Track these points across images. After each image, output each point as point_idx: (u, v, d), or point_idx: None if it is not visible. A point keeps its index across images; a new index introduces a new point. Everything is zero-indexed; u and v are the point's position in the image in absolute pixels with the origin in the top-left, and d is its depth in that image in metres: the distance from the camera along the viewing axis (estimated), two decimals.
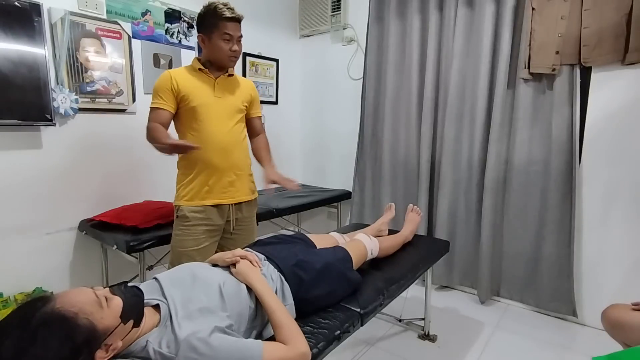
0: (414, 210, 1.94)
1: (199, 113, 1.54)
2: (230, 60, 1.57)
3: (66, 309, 0.73)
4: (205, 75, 1.57)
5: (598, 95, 1.94)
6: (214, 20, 1.49)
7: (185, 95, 1.52)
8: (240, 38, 1.56)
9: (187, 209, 1.56)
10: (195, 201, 1.57)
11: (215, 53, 1.54)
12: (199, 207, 1.57)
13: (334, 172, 3.17)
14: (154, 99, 1.53)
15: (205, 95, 1.55)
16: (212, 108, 1.56)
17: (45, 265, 1.95)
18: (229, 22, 1.49)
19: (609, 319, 1.25)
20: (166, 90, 1.51)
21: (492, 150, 2.20)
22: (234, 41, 1.53)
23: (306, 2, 3.06)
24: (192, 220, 1.56)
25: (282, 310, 1.00)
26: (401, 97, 2.57)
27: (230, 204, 1.64)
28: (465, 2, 2.24)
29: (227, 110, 1.61)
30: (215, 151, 1.56)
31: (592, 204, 2.02)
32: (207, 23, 1.52)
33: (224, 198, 1.62)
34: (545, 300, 2.14)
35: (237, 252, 1.14)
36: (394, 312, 2.12)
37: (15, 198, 1.82)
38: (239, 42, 1.56)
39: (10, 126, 1.75)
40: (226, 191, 1.62)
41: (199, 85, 1.55)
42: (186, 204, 1.57)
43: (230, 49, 1.53)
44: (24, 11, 1.70)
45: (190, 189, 1.57)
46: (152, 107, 1.53)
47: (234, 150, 1.63)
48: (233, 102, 1.63)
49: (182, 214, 1.57)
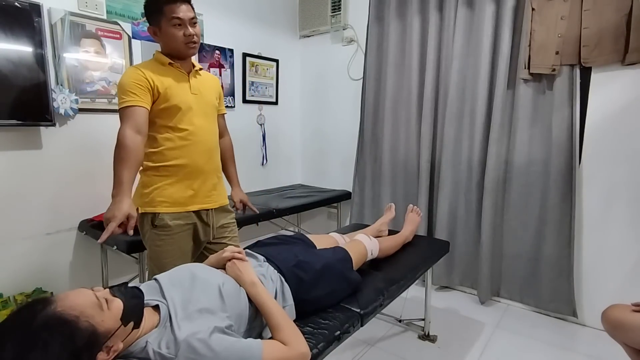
0: (413, 211, 1.94)
1: (182, 112, 1.39)
2: (189, 47, 1.39)
3: (67, 312, 0.73)
4: (176, 70, 1.42)
5: (598, 95, 1.94)
6: (158, 5, 1.34)
7: (162, 94, 1.35)
8: (194, 20, 1.38)
9: (169, 216, 1.39)
10: (177, 207, 1.41)
11: (170, 43, 1.37)
12: (181, 214, 1.42)
13: (334, 172, 3.17)
14: (125, 96, 1.31)
15: (182, 93, 1.40)
16: (192, 106, 1.42)
17: (45, 266, 1.95)
18: (174, 4, 1.33)
19: (609, 320, 1.25)
20: (139, 87, 1.31)
21: (492, 151, 2.20)
22: (186, 24, 1.35)
23: (306, 2, 3.06)
24: (175, 228, 1.40)
25: (279, 312, 1.00)
26: (401, 98, 2.57)
27: (212, 208, 1.51)
28: (465, 3, 2.24)
29: (206, 109, 1.48)
30: (202, 153, 1.45)
31: (592, 204, 2.02)
32: (152, 10, 1.36)
33: (208, 202, 1.49)
34: (545, 300, 2.14)
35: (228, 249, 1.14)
36: (394, 313, 2.12)
37: (15, 198, 1.82)
38: (194, 25, 1.39)
39: (10, 126, 1.75)
40: (210, 195, 1.50)
41: (174, 82, 1.39)
42: (167, 210, 1.39)
43: (185, 34, 1.36)
44: (24, 11, 1.70)
45: (170, 194, 1.40)
46: (125, 105, 1.30)
47: (216, 151, 1.54)
48: (209, 99, 1.51)
49: (162, 223, 1.38)
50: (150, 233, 1.41)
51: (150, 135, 1.39)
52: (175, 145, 1.40)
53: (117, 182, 1.26)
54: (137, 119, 1.31)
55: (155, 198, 1.39)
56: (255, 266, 1.15)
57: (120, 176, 1.25)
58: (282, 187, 3.16)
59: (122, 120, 1.32)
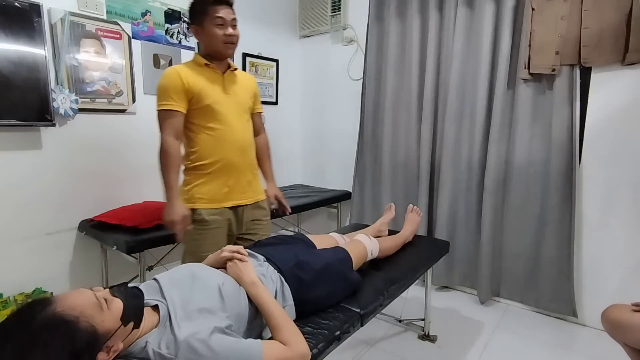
0: (414, 211, 1.94)
1: (215, 112, 1.46)
2: (227, 47, 1.47)
3: (67, 312, 0.73)
4: (211, 70, 1.49)
5: (598, 95, 1.94)
6: (203, 6, 1.43)
7: (197, 94, 1.43)
8: (235, 22, 1.47)
9: (206, 212, 1.48)
10: (214, 203, 1.50)
11: (210, 41, 1.45)
12: (218, 210, 1.50)
13: (334, 172, 3.17)
14: (165, 100, 1.40)
15: (216, 93, 1.48)
16: (225, 106, 1.49)
17: (45, 266, 1.95)
18: (218, 6, 1.42)
19: (609, 320, 1.25)
20: (177, 90, 1.40)
21: (492, 151, 2.20)
22: (227, 25, 1.44)
23: (306, 3, 3.06)
24: (212, 223, 1.49)
25: (280, 312, 1.00)
26: (401, 98, 2.57)
27: (247, 204, 1.59)
28: (465, 3, 2.24)
29: (239, 108, 1.55)
30: (235, 151, 1.52)
31: (592, 204, 2.02)
32: (197, 11, 1.45)
33: (243, 199, 1.57)
34: (546, 300, 2.14)
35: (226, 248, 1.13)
36: (394, 313, 2.12)
37: (15, 198, 1.82)
38: (234, 27, 1.47)
39: (10, 127, 1.75)
40: (245, 191, 1.57)
41: (208, 82, 1.47)
42: (204, 206, 1.48)
43: (225, 34, 1.44)
44: (24, 11, 1.70)
45: (207, 190, 1.49)
46: (164, 109, 1.40)
47: (250, 148, 1.61)
48: (243, 99, 1.58)
49: (200, 218, 1.48)
50: None
51: (187, 135, 1.49)
52: (210, 144, 1.48)
53: (167, 187, 1.41)
54: (176, 124, 1.42)
55: (194, 195, 1.49)
56: (255, 266, 1.15)
57: (169, 181, 1.41)
58: (282, 187, 3.11)
59: (162, 124, 1.43)
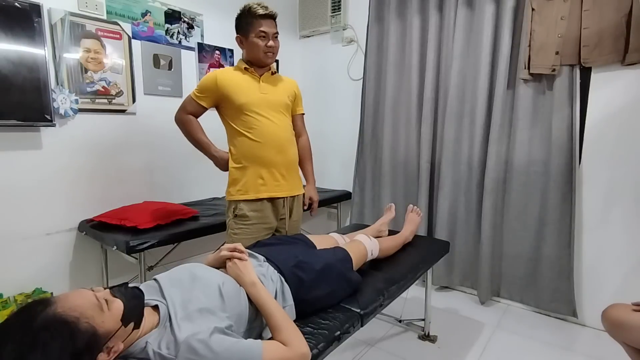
0: (414, 211, 1.94)
1: (250, 111, 1.59)
2: (267, 57, 1.61)
3: (67, 313, 0.73)
4: (250, 74, 1.64)
5: (598, 95, 1.94)
6: (249, 19, 1.57)
7: (226, 94, 1.58)
8: (277, 35, 1.63)
9: (247, 207, 1.60)
10: (250, 194, 1.60)
11: (252, 51, 1.60)
12: (256, 204, 1.60)
13: (334, 172, 3.17)
14: (197, 92, 1.63)
15: (251, 93, 1.60)
16: (260, 105, 1.61)
17: (45, 266, 1.95)
18: (263, 20, 1.57)
19: (609, 319, 1.25)
20: (208, 89, 1.61)
21: (492, 151, 2.20)
22: (269, 38, 1.59)
23: (306, 3, 3.06)
24: (252, 219, 1.60)
25: (280, 313, 1.00)
26: (401, 98, 2.57)
27: (285, 197, 1.68)
28: (465, 3, 2.24)
29: (276, 106, 1.65)
30: (273, 149, 1.62)
31: (592, 204, 2.02)
32: (244, 23, 1.60)
33: (276, 191, 1.65)
34: (546, 300, 2.14)
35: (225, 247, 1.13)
36: (394, 313, 2.12)
37: (15, 198, 1.82)
38: (275, 39, 1.62)
39: (10, 127, 1.75)
40: (279, 184, 1.65)
41: (244, 84, 1.61)
42: (242, 197, 1.60)
43: (266, 45, 1.59)
44: (24, 12, 1.70)
45: (244, 183, 1.61)
46: (192, 96, 1.64)
47: (290, 147, 1.69)
48: (279, 98, 1.68)
49: (241, 213, 1.60)
50: (231, 221, 1.64)
51: (230, 135, 1.66)
52: (248, 140, 1.60)
53: (203, 147, 1.66)
54: (193, 108, 1.65)
55: (235, 188, 1.63)
56: (255, 266, 1.15)
57: (200, 141, 1.65)
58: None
59: (183, 104, 1.67)
